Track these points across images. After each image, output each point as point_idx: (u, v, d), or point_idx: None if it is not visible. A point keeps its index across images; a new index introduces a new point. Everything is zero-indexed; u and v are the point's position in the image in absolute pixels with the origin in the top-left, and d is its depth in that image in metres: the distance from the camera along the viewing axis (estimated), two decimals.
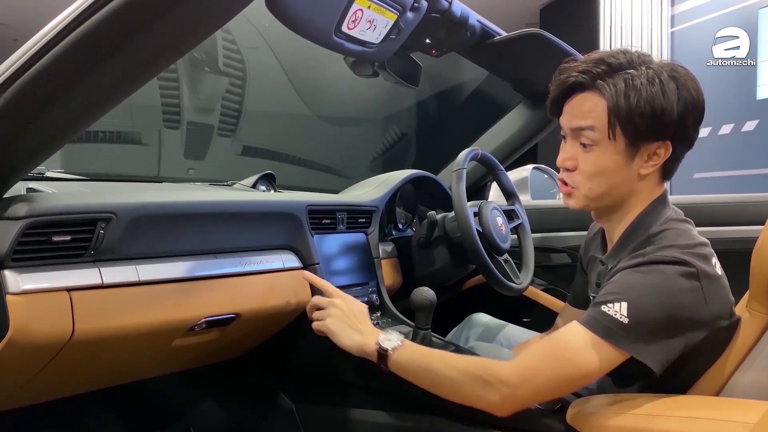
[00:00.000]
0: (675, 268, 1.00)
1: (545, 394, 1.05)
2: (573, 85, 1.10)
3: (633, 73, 1.05)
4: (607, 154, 1.08)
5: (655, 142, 1.07)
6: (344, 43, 1.06)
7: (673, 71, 1.07)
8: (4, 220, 0.90)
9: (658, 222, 1.10)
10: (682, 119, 1.06)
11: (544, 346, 1.04)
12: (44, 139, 0.90)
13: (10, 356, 0.91)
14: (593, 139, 1.08)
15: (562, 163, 1.14)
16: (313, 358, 1.40)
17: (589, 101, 1.08)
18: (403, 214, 1.91)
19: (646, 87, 1.04)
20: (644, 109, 1.04)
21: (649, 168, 1.09)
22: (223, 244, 1.22)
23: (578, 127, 1.09)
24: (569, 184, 1.14)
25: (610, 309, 0.99)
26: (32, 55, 0.80)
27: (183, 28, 0.79)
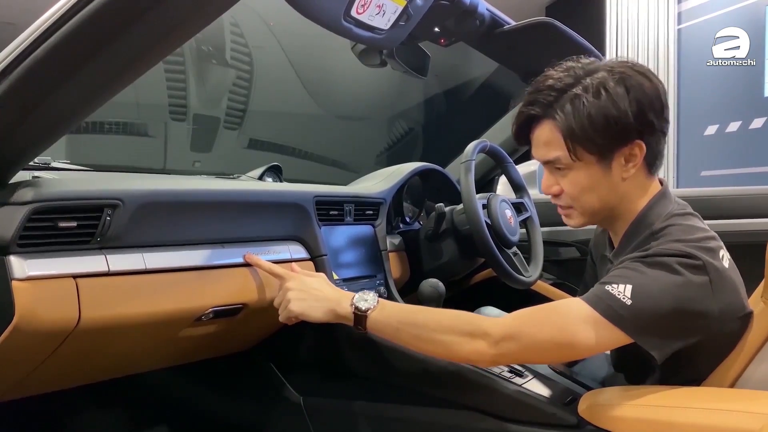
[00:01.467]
0: (680, 260, 0.99)
1: (532, 354, 1.04)
2: (527, 117, 1.12)
3: (577, 92, 1.06)
4: (582, 173, 1.09)
5: (625, 146, 1.07)
6: (352, 28, 1.04)
7: (621, 73, 1.06)
8: (9, 206, 0.89)
9: (660, 218, 1.09)
10: (641, 117, 1.05)
11: (538, 309, 1.04)
12: (49, 124, 0.89)
13: (15, 343, 0.90)
14: (564, 164, 1.09)
15: (547, 191, 1.15)
16: (320, 351, 1.39)
17: (546, 132, 1.10)
18: (410, 208, 1.90)
19: (593, 102, 1.04)
20: (598, 124, 1.04)
21: (631, 170, 1.09)
22: (231, 233, 1.21)
23: (546, 160, 1.11)
24: (563, 206, 1.15)
25: (614, 289, 0.99)
26: (36, 38, 0.80)
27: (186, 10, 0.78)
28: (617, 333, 0.98)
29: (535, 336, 1.00)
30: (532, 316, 1.03)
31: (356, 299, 1.10)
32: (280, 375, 1.44)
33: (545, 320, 1.01)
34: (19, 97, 0.83)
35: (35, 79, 0.82)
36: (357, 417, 1.32)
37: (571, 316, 0.99)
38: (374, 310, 1.08)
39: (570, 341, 0.99)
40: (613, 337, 0.99)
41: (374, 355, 1.29)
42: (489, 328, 1.01)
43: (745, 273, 1.10)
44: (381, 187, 1.64)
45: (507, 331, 1.01)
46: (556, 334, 0.99)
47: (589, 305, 0.99)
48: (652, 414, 0.98)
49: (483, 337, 1.01)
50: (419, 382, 1.24)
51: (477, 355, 1.02)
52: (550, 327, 1.00)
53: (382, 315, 1.08)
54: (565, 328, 0.99)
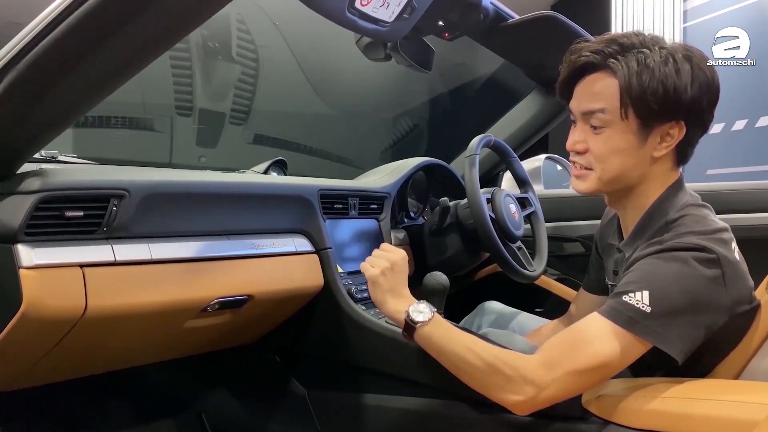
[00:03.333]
0: (695, 254, 0.98)
1: (569, 392, 1.01)
2: (584, 65, 1.08)
3: (646, 53, 1.04)
4: (618, 134, 1.06)
5: (668, 123, 1.05)
6: (357, 20, 1.05)
7: (688, 52, 1.05)
8: (17, 195, 0.90)
9: (675, 208, 1.08)
10: (696, 99, 1.04)
11: (565, 340, 1.01)
12: (55, 114, 0.90)
13: (23, 332, 0.91)
14: (604, 121, 1.07)
15: (572, 147, 1.12)
16: (326, 344, 1.39)
17: (600, 82, 1.07)
18: (415, 204, 1.90)
19: (660, 66, 1.02)
20: (657, 89, 1.02)
21: (663, 150, 1.07)
22: (236, 226, 1.21)
23: (589, 110, 1.08)
24: (582, 165, 1.12)
25: (631, 299, 0.97)
26: (42, 29, 0.81)
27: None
28: (641, 343, 0.97)
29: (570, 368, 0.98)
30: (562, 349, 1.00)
31: (412, 309, 1.10)
32: (284, 368, 1.44)
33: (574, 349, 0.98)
34: (26, 87, 0.84)
35: (42, 70, 0.83)
36: (361, 409, 1.32)
37: (596, 337, 0.98)
38: (425, 326, 1.08)
39: (602, 363, 0.97)
40: (638, 347, 0.98)
41: (378, 347, 1.29)
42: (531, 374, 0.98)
43: (751, 266, 1.10)
44: (385, 182, 1.64)
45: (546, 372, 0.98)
46: (588, 361, 0.97)
47: (609, 320, 0.98)
48: (656, 405, 0.98)
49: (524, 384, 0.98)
50: (424, 374, 1.24)
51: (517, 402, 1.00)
52: (582, 355, 0.98)
53: (430, 333, 1.08)
54: (594, 353, 0.97)
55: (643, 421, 0.98)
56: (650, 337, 0.97)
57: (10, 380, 1.10)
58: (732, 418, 0.91)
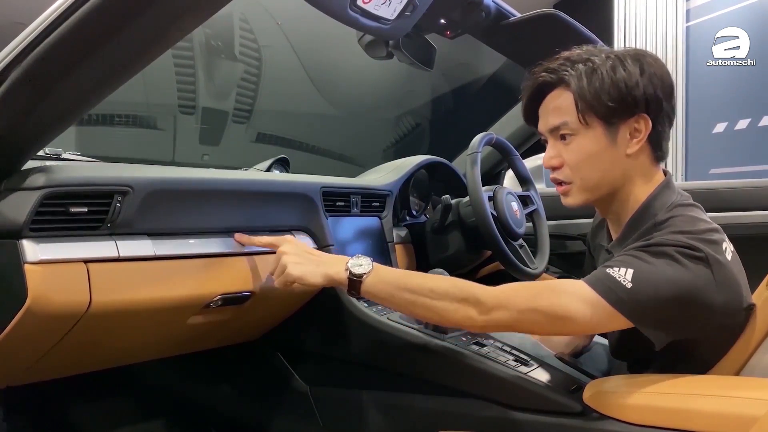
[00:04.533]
0: (683, 251, 0.99)
1: (523, 324, 1.04)
2: (540, 86, 1.14)
3: (594, 60, 1.09)
4: (587, 139, 1.10)
5: (631, 117, 1.08)
6: (359, 18, 1.05)
7: (636, 54, 1.09)
8: (22, 191, 0.91)
9: (664, 209, 1.09)
10: (650, 92, 1.07)
11: (535, 283, 1.07)
12: (60, 110, 0.90)
13: (28, 326, 0.92)
14: (571, 130, 1.10)
15: (548, 163, 1.15)
16: (328, 341, 1.40)
17: (558, 98, 1.12)
18: (417, 202, 1.90)
19: (608, 69, 1.07)
20: (608, 88, 1.06)
21: (635, 145, 1.09)
22: (239, 222, 1.22)
23: (553, 125, 1.12)
24: (562, 181, 1.15)
25: (614, 272, 0.99)
26: (47, 26, 0.81)
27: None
28: (615, 315, 0.99)
29: (526, 305, 1.01)
30: (528, 288, 1.04)
31: (351, 264, 1.09)
32: (287, 364, 1.45)
33: (539, 294, 1.02)
34: (30, 85, 0.85)
35: (46, 67, 0.83)
36: (363, 406, 1.33)
37: (568, 292, 1.00)
38: (369, 275, 1.07)
39: (563, 315, 0.99)
40: (610, 317, 0.99)
41: (380, 344, 1.30)
42: (482, 296, 1.02)
43: (750, 264, 1.10)
44: (387, 180, 1.65)
45: (500, 299, 1.02)
46: (548, 307, 1.00)
47: (588, 285, 1.00)
48: (657, 401, 0.99)
49: (475, 305, 1.02)
50: (425, 371, 1.25)
51: (469, 321, 1.04)
52: (543, 299, 1.01)
53: (376, 280, 1.07)
54: (559, 302, 1.00)
55: (643, 416, 0.98)
56: (624, 311, 0.98)
57: (15, 375, 1.11)
58: (732, 413, 0.92)
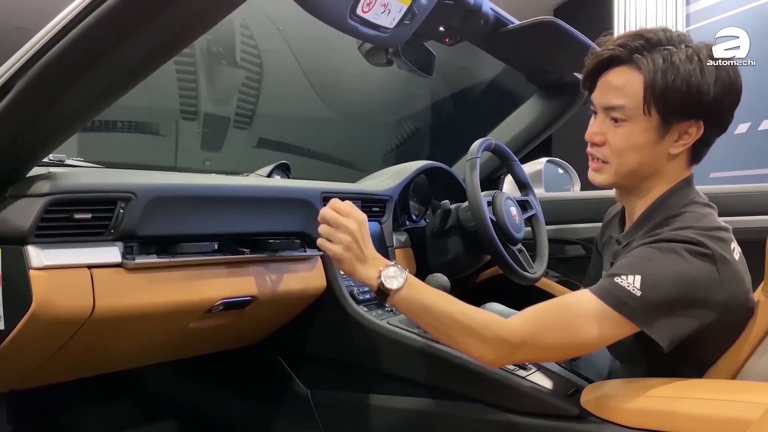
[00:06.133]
0: (690, 247, 0.99)
1: (543, 358, 1.05)
2: (610, 58, 1.08)
3: (671, 50, 1.04)
4: (638, 129, 1.07)
5: (688, 121, 1.06)
6: (358, 27, 1.07)
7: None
8: (27, 197, 0.93)
9: (679, 204, 1.09)
10: (718, 100, 1.05)
11: (550, 311, 1.02)
12: (65, 118, 0.92)
13: (33, 331, 0.93)
14: (626, 115, 1.07)
15: (590, 138, 1.12)
16: (328, 345, 1.41)
17: (623, 76, 1.07)
18: (417, 206, 1.91)
19: (684, 64, 1.03)
20: (681, 87, 1.02)
21: (679, 147, 1.08)
22: (240, 228, 1.23)
23: (611, 105, 1.08)
24: (599, 158, 1.12)
25: (623, 281, 0.98)
26: (53, 36, 0.83)
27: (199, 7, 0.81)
28: (627, 324, 0.98)
29: (549, 341, 1.00)
30: (546, 319, 1.01)
31: (384, 275, 1.06)
32: (288, 368, 1.46)
33: (558, 323, 1.00)
34: (36, 94, 0.86)
35: (52, 76, 0.85)
36: (364, 409, 1.34)
37: (583, 313, 0.99)
38: (399, 291, 1.05)
39: (583, 342, 0.99)
40: (623, 328, 0.99)
41: (380, 348, 1.31)
42: (506, 336, 1.00)
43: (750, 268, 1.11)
44: (388, 185, 1.66)
45: (522, 339, 1.00)
46: (569, 337, 0.99)
47: (599, 298, 0.99)
48: (654, 405, 0.99)
49: (500, 345, 1.00)
50: (424, 374, 1.26)
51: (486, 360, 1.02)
52: (564, 329, 0.99)
53: (406, 296, 1.05)
54: (577, 328, 0.99)
55: (640, 420, 0.99)
56: (637, 321, 0.98)
57: (19, 379, 1.12)
58: (728, 417, 0.92)
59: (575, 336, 0.99)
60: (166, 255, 1.08)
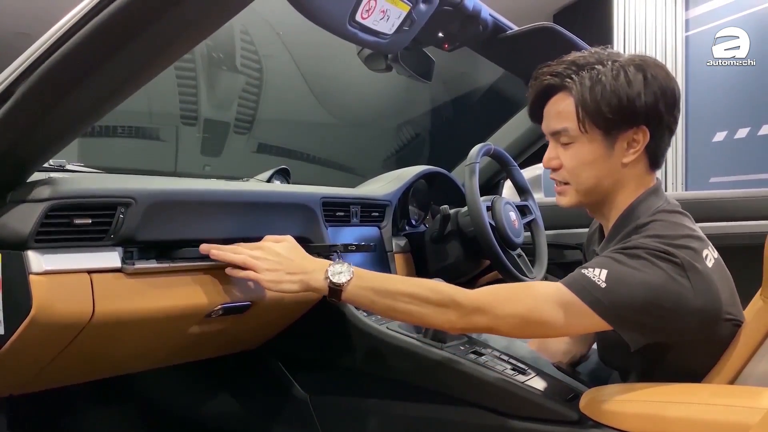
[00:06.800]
0: (658, 254, 1.01)
1: (500, 328, 1.05)
2: (546, 88, 1.15)
3: (599, 69, 1.10)
4: (585, 147, 1.12)
5: (630, 129, 1.10)
6: (358, 33, 1.08)
7: (641, 62, 1.11)
8: (27, 203, 0.93)
9: (647, 213, 1.11)
10: (652, 105, 1.09)
11: (513, 285, 1.09)
12: (66, 124, 0.93)
13: (32, 336, 0.93)
14: (570, 137, 1.13)
15: (547, 164, 1.18)
16: (328, 350, 1.41)
17: (561, 102, 1.14)
18: (416, 211, 1.92)
19: (611, 80, 1.09)
20: (611, 99, 1.08)
21: (631, 155, 1.12)
22: (240, 233, 1.23)
23: (555, 130, 1.15)
24: (559, 181, 1.18)
25: (589, 272, 1.02)
26: (53, 42, 0.83)
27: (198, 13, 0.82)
28: (590, 315, 1.01)
29: (504, 310, 1.03)
30: (505, 291, 1.06)
31: (331, 272, 1.07)
32: (287, 373, 1.46)
33: (516, 296, 1.04)
34: (37, 99, 0.87)
35: (53, 82, 0.85)
36: (363, 414, 1.34)
37: (544, 294, 1.02)
38: (350, 283, 1.06)
39: (539, 318, 1.02)
40: (585, 319, 1.01)
41: (380, 352, 1.31)
42: (461, 300, 1.04)
43: (748, 274, 1.11)
44: (387, 190, 1.67)
45: (477, 304, 1.03)
46: (524, 311, 1.02)
47: (564, 286, 1.02)
48: (653, 410, 1.00)
49: (455, 308, 1.04)
50: (423, 379, 1.26)
51: (448, 324, 1.06)
52: (520, 303, 1.03)
53: (357, 287, 1.06)
54: (534, 305, 1.02)
55: (640, 425, 0.99)
56: (598, 310, 1.00)
57: (18, 384, 1.12)
58: (726, 421, 0.93)
59: (533, 312, 1.02)
60: (166, 260, 1.08)
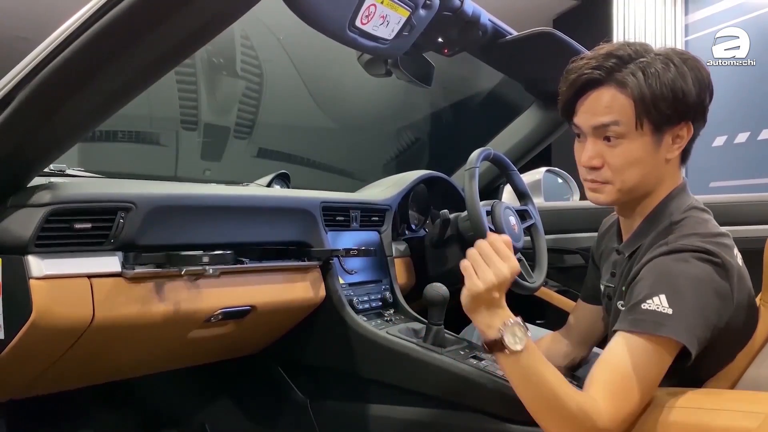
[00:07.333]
0: (700, 255, 1.00)
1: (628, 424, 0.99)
2: (587, 82, 1.08)
3: (645, 61, 1.06)
4: (636, 144, 1.07)
5: (678, 125, 1.08)
6: (357, 38, 1.08)
7: (681, 54, 1.08)
8: (28, 207, 0.93)
9: (680, 210, 1.09)
10: (701, 98, 1.07)
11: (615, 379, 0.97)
12: (67, 128, 0.93)
13: (32, 340, 0.93)
14: (619, 133, 1.06)
15: (588, 162, 1.10)
16: (327, 354, 1.41)
17: (606, 96, 1.07)
18: (416, 216, 1.92)
19: (664, 72, 1.04)
20: (667, 95, 1.04)
21: (675, 151, 1.09)
22: (240, 237, 1.24)
23: (600, 124, 1.07)
24: (599, 181, 1.11)
25: (650, 305, 0.97)
26: (55, 47, 0.84)
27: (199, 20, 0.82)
28: (670, 344, 0.97)
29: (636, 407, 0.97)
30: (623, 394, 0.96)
31: (506, 331, 0.98)
32: (287, 378, 1.46)
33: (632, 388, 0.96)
34: (38, 105, 0.87)
35: (53, 88, 0.86)
36: (363, 419, 1.34)
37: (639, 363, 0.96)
38: (519, 354, 0.98)
39: (654, 383, 0.98)
40: (669, 350, 0.97)
41: (380, 357, 1.31)
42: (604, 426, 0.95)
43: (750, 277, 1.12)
44: (387, 194, 1.67)
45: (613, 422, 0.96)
46: (642, 395, 0.97)
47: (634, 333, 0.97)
48: (654, 414, 0.99)
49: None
50: (424, 384, 1.26)
51: None
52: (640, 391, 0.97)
53: (518, 362, 0.98)
54: (645, 379, 0.96)
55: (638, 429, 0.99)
56: (678, 337, 0.96)
57: (18, 389, 1.12)
58: (728, 426, 0.93)
59: (649, 386, 0.97)
60: (166, 265, 1.08)
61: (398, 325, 1.40)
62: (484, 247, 1.04)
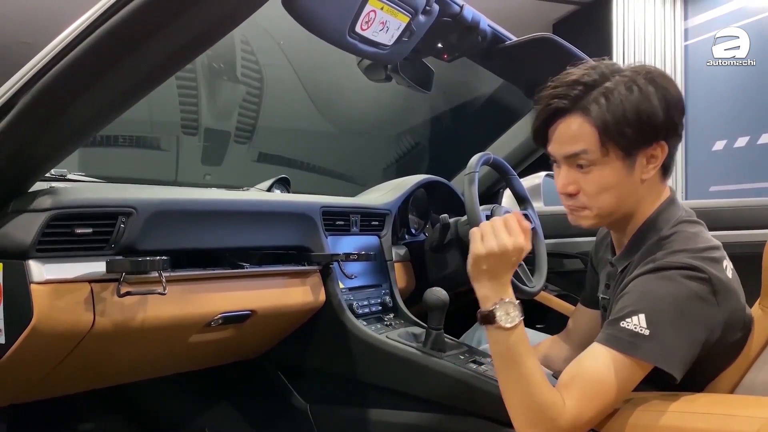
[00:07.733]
0: (686, 272, 1.00)
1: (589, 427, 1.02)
2: (554, 111, 1.09)
3: (609, 86, 1.06)
4: (607, 170, 1.07)
5: (651, 146, 1.07)
6: (357, 44, 1.09)
7: (648, 74, 1.07)
8: (29, 212, 0.94)
9: (668, 224, 1.10)
10: (669, 117, 1.06)
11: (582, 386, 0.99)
12: (68, 133, 0.93)
13: (33, 345, 0.94)
14: (589, 160, 1.07)
15: (563, 190, 1.12)
16: (327, 359, 1.41)
17: (574, 124, 1.07)
18: (416, 220, 1.92)
19: (626, 96, 1.04)
20: (631, 119, 1.04)
21: (651, 171, 1.09)
22: (240, 242, 1.24)
23: (571, 153, 1.08)
24: (576, 206, 1.13)
25: (629, 324, 0.98)
26: (57, 53, 0.84)
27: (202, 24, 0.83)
28: (644, 365, 0.98)
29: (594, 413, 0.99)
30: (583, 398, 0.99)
31: (500, 307, 1.02)
32: (287, 382, 1.46)
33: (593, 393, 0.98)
34: (40, 110, 0.88)
35: (55, 93, 0.86)
36: (362, 423, 1.34)
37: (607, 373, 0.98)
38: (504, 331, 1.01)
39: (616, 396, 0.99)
40: (641, 370, 0.99)
41: (380, 362, 1.31)
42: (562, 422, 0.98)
43: (747, 283, 1.12)
44: (387, 199, 1.67)
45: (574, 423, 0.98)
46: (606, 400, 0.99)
47: (611, 349, 0.99)
48: (653, 419, 0.99)
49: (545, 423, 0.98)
50: (423, 389, 1.26)
51: None
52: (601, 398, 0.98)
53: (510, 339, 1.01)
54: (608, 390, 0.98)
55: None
56: (652, 359, 0.98)
57: (19, 393, 1.13)
58: (725, 431, 0.93)
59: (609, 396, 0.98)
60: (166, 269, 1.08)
61: (398, 330, 1.40)
62: (497, 220, 1.06)
